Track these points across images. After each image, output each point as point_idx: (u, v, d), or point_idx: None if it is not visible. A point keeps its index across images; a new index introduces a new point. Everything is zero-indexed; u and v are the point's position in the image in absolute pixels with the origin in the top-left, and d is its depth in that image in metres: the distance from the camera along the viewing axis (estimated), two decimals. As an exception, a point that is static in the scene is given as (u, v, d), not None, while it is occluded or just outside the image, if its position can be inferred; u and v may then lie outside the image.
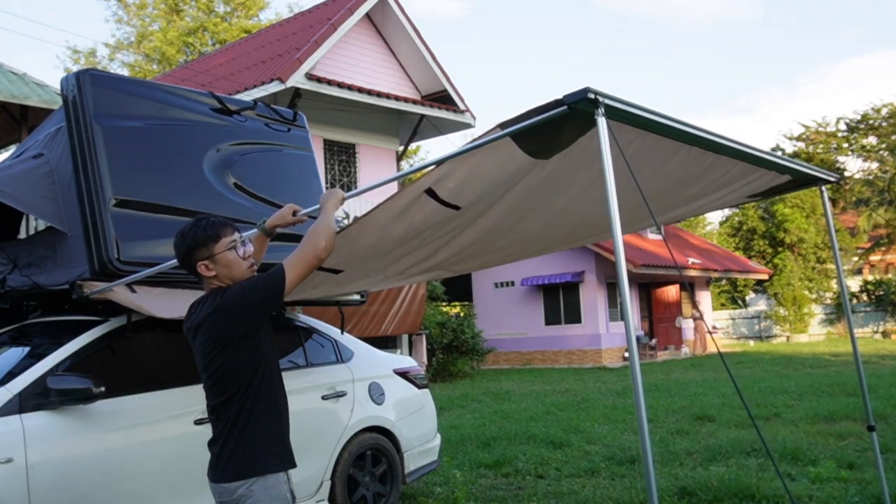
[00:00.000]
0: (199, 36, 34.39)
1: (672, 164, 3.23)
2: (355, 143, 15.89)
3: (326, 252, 2.53)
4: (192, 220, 2.67)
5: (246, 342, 2.48)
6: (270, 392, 2.55)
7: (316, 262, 2.50)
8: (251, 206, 4.76)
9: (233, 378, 2.47)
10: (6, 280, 4.56)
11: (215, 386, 2.52)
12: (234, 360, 2.47)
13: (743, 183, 3.82)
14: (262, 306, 2.48)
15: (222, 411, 2.50)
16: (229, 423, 2.48)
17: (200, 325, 2.52)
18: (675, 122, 2.79)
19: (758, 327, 30.46)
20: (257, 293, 2.46)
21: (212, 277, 2.58)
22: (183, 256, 2.62)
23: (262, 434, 2.49)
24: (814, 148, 34.66)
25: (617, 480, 5.87)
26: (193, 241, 2.59)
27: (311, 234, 2.54)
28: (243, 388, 2.48)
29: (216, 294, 2.53)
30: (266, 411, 2.52)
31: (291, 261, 2.48)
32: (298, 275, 2.46)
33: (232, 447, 2.48)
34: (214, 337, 2.47)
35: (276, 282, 2.44)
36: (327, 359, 5.05)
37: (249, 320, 2.47)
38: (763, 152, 3.45)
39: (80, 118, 4.15)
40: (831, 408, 8.74)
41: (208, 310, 2.50)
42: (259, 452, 2.48)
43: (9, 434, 3.38)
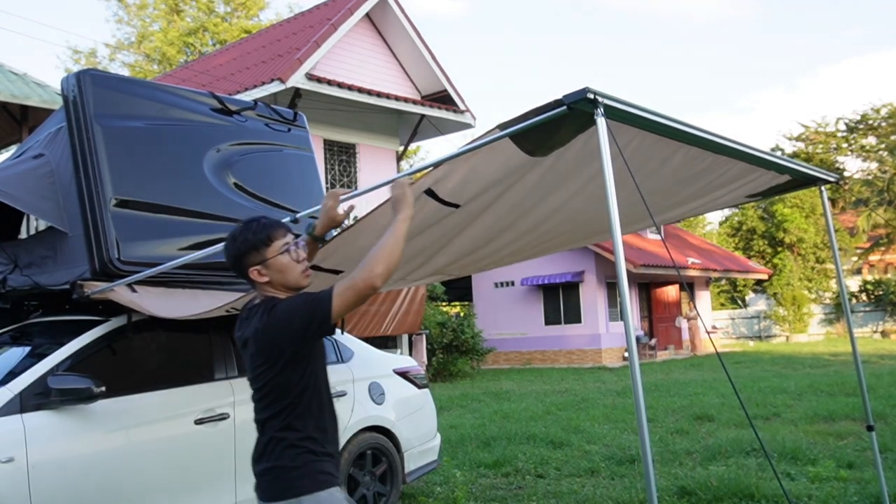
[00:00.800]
0: (200, 36, 34.40)
1: (671, 163, 3.23)
2: (355, 143, 15.89)
3: (383, 278, 2.24)
4: (243, 222, 2.49)
5: (293, 363, 2.34)
6: (318, 413, 2.39)
7: (368, 291, 2.24)
8: (251, 206, 4.77)
9: (279, 396, 2.34)
10: (7, 280, 4.57)
11: (262, 400, 2.40)
12: (281, 379, 2.33)
13: (742, 182, 3.82)
14: (306, 331, 2.29)
15: (267, 427, 2.38)
16: (273, 442, 2.36)
17: (248, 339, 2.40)
18: (674, 122, 2.80)
19: (757, 327, 30.46)
20: (303, 318, 2.27)
21: (265, 284, 2.43)
22: (234, 261, 2.46)
23: (308, 454, 2.35)
24: (813, 148, 34.68)
25: (617, 480, 5.88)
26: (244, 245, 2.43)
27: (371, 255, 2.27)
28: (291, 407, 2.34)
29: (267, 307, 2.36)
30: (316, 428, 2.38)
31: (341, 287, 2.25)
32: (346, 304, 2.24)
33: (277, 466, 2.35)
34: (262, 353, 2.35)
35: (321, 307, 2.24)
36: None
37: (296, 343, 2.31)
38: (762, 152, 3.45)
39: (80, 118, 4.16)
40: (830, 407, 8.74)
41: (257, 324, 2.35)
42: (308, 470, 2.34)
43: (10, 433, 3.39)
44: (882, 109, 32.38)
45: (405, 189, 2.46)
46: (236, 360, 4.46)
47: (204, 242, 4.37)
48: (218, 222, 4.55)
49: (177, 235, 4.36)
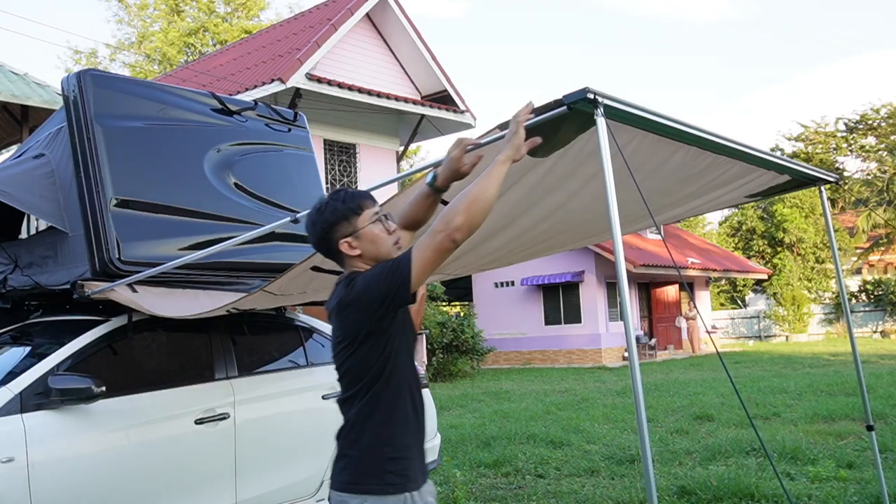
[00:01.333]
0: (200, 36, 34.41)
1: (670, 163, 3.24)
2: (355, 143, 15.89)
3: (466, 231, 1.99)
4: (327, 195, 2.29)
5: (372, 340, 2.13)
6: (399, 396, 2.18)
7: (449, 246, 1.99)
8: (252, 207, 4.77)
9: (356, 377, 2.16)
10: (8, 280, 4.57)
11: (342, 380, 2.23)
12: (358, 358, 2.15)
13: (742, 182, 3.82)
14: (387, 301, 2.06)
15: (346, 409, 2.20)
16: (350, 425, 2.17)
17: (331, 314, 2.23)
18: (675, 122, 2.79)
19: (757, 327, 30.47)
20: (380, 285, 2.06)
21: (356, 257, 2.22)
22: (321, 235, 2.25)
23: (382, 446, 2.13)
24: (813, 148, 34.72)
25: (617, 480, 5.88)
26: (333, 215, 2.22)
27: (454, 200, 2.04)
28: (365, 392, 2.15)
29: (348, 280, 2.18)
30: (391, 419, 2.15)
31: (420, 244, 2.03)
32: (427, 265, 2.01)
33: (349, 456, 2.16)
34: (340, 330, 2.18)
35: (400, 271, 2.03)
36: (328, 359, 5.06)
37: (374, 317, 2.10)
38: (762, 152, 3.45)
39: (81, 118, 4.16)
40: (830, 407, 8.75)
41: (338, 298, 2.18)
42: (376, 467, 2.12)
43: (10, 433, 3.39)
44: (882, 109, 32.43)
45: (518, 127, 2.20)
46: (236, 360, 4.46)
47: (204, 242, 4.37)
48: (218, 222, 4.55)
49: (177, 235, 4.36)
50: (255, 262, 4.69)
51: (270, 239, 4.79)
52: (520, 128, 2.20)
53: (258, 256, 4.71)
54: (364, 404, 2.14)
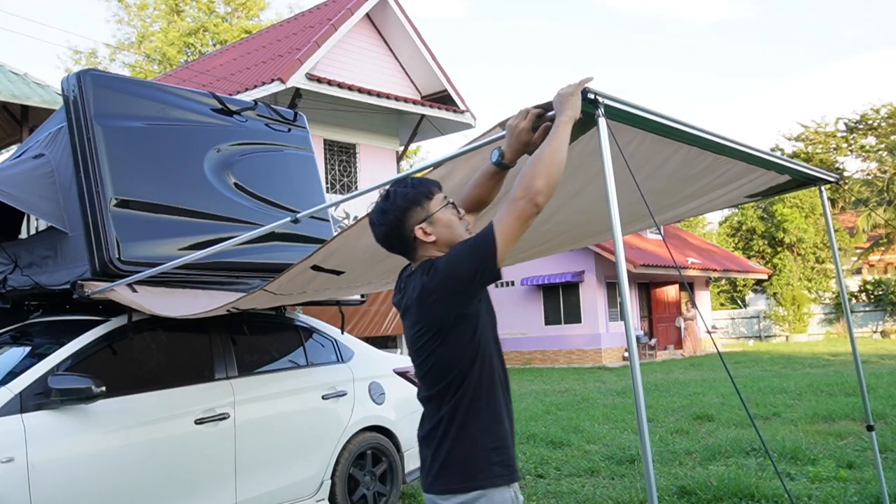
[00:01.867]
0: (200, 36, 34.40)
1: (671, 163, 3.23)
2: (355, 143, 15.89)
3: (546, 193, 1.95)
4: (389, 185, 2.20)
5: (461, 326, 2.04)
6: (492, 385, 2.10)
7: (532, 211, 1.94)
8: (252, 206, 4.78)
9: (447, 369, 2.06)
10: (7, 280, 4.57)
11: (427, 377, 2.11)
12: (447, 348, 2.05)
13: (742, 182, 3.82)
14: (475, 279, 1.99)
15: (434, 407, 2.09)
16: (442, 424, 2.06)
17: (409, 307, 2.12)
18: (676, 122, 2.79)
19: (757, 327, 30.47)
20: (467, 263, 1.98)
21: (430, 244, 2.13)
22: (395, 223, 2.13)
23: (483, 438, 2.05)
24: (813, 148, 34.72)
25: (616, 480, 5.88)
26: (405, 201, 2.13)
27: (528, 166, 1.99)
28: (459, 381, 2.05)
29: (425, 268, 2.08)
30: (488, 409, 2.07)
31: (501, 218, 1.97)
32: (511, 235, 1.95)
33: (446, 452, 2.05)
34: (424, 321, 2.07)
35: (485, 245, 1.95)
36: (327, 359, 5.06)
37: (462, 299, 2.03)
38: (762, 152, 3.45)
39: (80, 118, 4.16)
40: (830, 407, 8.74)
41: (418, 286, 2.08)
42: (480, 461, 2.03)
43: (10, 433, 3.40)
44: (882, 109, 32.42)
45: (576, 89, 2.17)
46: (236, 360, 4.46)
47: (204, 242, 4.38)
48: (218, 222, 4.56)
49: (177, 235, 4.37)
50: (255, 262, 4.70)
51: (270, 239, 4.79)
52: (577, 90, 2.18)
53: (258, 256, 4.71)
54: (459, 396, 2.05)
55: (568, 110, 2.12)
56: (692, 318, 22.51)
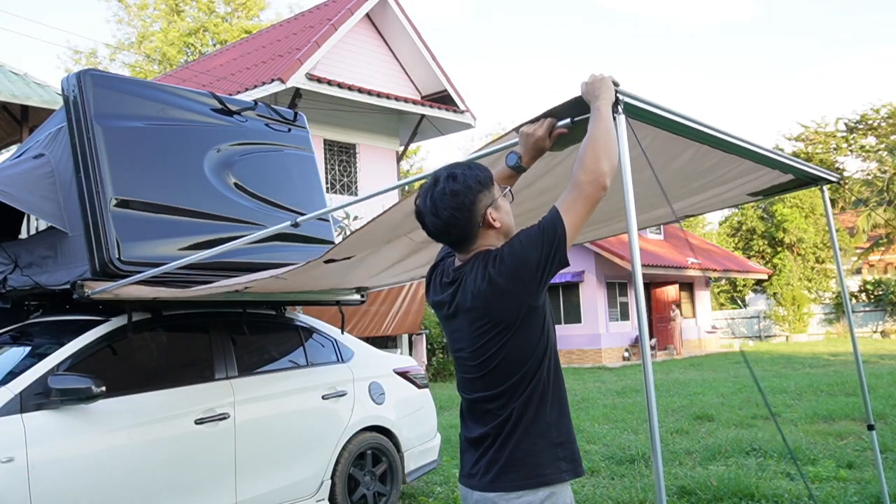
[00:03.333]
0: (200, 36, 34.41)
1: (679, 160, 3.25)
2: (355, 143, 15.89)
3: (611, 174, 1.93)
4: (447, 169, 2.06)
5: (532, 318, 1.96)
6: (558, 377, 2.04)
7: (600, 193, 1.91)
8: (251, 206, 4.78)
9: (518, 364, 1.96)
10: (8, 280, 4.57)
11: (492, 374, 1.99)
12: (520, 342, 1.96)
13: (746, 180, 3.84)
14: (547, 267, 1.91)
15: (497, 406, 1.99)
16: (509, 422, 1.97)
17: (470, 303, 1.99)
18: (692, 121, 2.81)
19: (757, 327, 30.47)
20: (535, 250, 1.89)
21: (494, 231, 2.04)
22: (467, 206, 2.00)
23: (551, 432, 1.98)
24: (813, 148, 34.71)
25: (617, 480, 5.88)
26: (477, 183, 2.02)
27: (585, 151, 1.96)
28: (530, 377, 1.97)
29: (486, 259, 1.98)
30: (556, 402, 2.01)
31: (567, 202, 1.92)
32: (580, 218, 1.91)
33: (511, 451, 1.96)
34: (490, 316, 1.96)
35: (555, 230, 1.89)
36: (328, 359, 5.06)
37: (535, 289, 1.93)
38: (769, 151, 3.47)
39: (80, 118, 4.16)
40: (830, 407, 8.75)
41: (480, 281, 1.96)
42: (549, 456, 1.97)
43: (10, 433, 3.39)
44: (882, 109, 32.41)
45: (599, 76, 2.19)
46: (236, 360, 4.46)
47: (204, 242, 4.38)
48: (218, 222, 4.56)
49: (177, 235, 4.37)
50: (255, 262, 4.69)
51: (270, 239, 4.79)
52: (606, 77, 2.20)
53: (258, 257, 4.71)
54: (531, 391, 1.97)
55: (604, 94, 2.13)
56: (675, 319, 22.38)
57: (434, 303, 2.16)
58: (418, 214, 2.07)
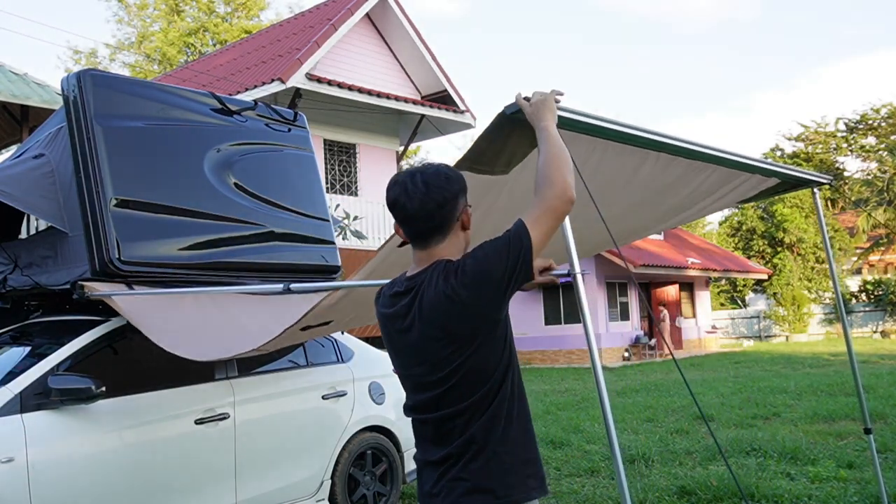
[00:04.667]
0: (200, 36, 34.41)
1: (641, 173, 3.11)
2: (355, 143, 15.89)
3: (573, 186, 1.91)
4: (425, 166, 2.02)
5: (495, 331, 1.89)
6: (521, 394, 1.98)
7: (567, 207, 1.89)
8: (251, 206, 4.78)
9: (479, 381, 1.89)
10: (7, 280, 4.58)
11: (450, 392, 1.90)
12: (479, 358, 1.88)
13: (729, 188, 3.70)
14: (510, 281, 1.84)
15: (459, 424, 1.90)
16: (475, 441, 1.88)
17: (425, 316, 1.90)
18: (628, 127, 2.69)
19: (757, 327, 30.48)
20: (500, 262, 1.82)
21: (459, 237, 1.99)
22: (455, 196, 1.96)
23: (518, 450, 1.93)
24: (813, 148, 34.72)
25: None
26: (459, 183, 1.98)
27: (546, 169, 1.91)
28: (494, 391, 1.90)
29: (446, 272, 1.88)
30: (520, 418, 1.95)
31: (532, 214, 1.87)
32: (546, 233, 1.86)
33: (477, 471, 1.88)
34: (450, 329, 1.87)
35: (521, 243, 1.83)
36: (327, 359, 5.06)
37: (497, 302, 1.86)
38: (739, 156, 3.29)
39: (80, 118, 4.16)
40: (830, 407, 8.74)
41: (439, 295, 1.87)
42: (517, 475, 1.91)
43: (10, 433, 3.40)
44: (882, 109, 32.42)
45: (546, 95, 2.15)
46: (236, 360, 4.46)
47: (204, 242, 4.38)
48: (218, 222, 4.56)
49: (177, 235, 4.37)
50: (255, 262, 4.70)
51: (271, 239, 4.79)
52: (548, 96, 2.15)
53: (258, 256, 4.71)
54: (496, 408, 1.90)
55: (547, 115, 2.09)
56: (664, 320, 22.31)
57: (385, 316, 2.02)
58: (397, 197, 1.95)
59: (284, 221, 4.94)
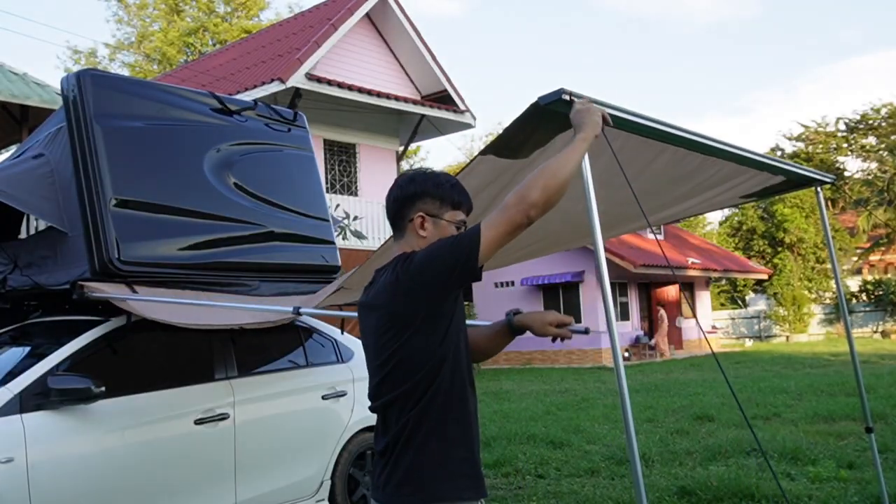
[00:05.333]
0: (200, 36, 34.40)
1: (657, 164, 3.20)
2: (355, 143, 15.89)
3: (542, 208, 1.86)
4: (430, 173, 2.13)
5: (430, 323, 1.91)
6: (461, 392, 1.97)
7: (523, 221, 1.86)
8: (251, 206, 4.77)
9: (411, 370, 1.91)
10: (7, 280, 4.57)
11: (386, 379, 1.95)
12: (413, 347, 1.91)
13: (735, 183, 3.78)
14: (452, 274, 1.87)
15: (394, 414, 1.93)
16: (405, 431, 1.90)
17: (376, 301, 2.00)
18: (656, 122, 2.76)
19: (757, 327, 30.47)
20: (445, 257, 1.87)
21: (418, 238, 2.05)
22: (405, 199, 2.07)
23: (450, 448, 1.92)
24: (813, 148, 34.69)
25: (617, 480, 5.87)
26: (434, 189, 2.07)
27: (532, 174, 1.90)
28: (424, 385, 1.91)
29: (400, 259, 1.98)
30: (454, 418, 1.94)
31: (491, 217, 1.88)
32: (497, 234, 1.85)
33: (408, 464, 1.89)
34: (391, 313, 1.94)
35: (468, 242, 1.86)
36: (327, 359, 5.06)
37: (436, 294, 1.90)
38: (751, 153, 3.40)
39: (80, 118, 4.16)
40: (831, 407, 8.74)
41: (388, 279, 1.96)
42: (445, 473, 1.90)
43: (9, 434, 3.39)
44: (882, 109, 32.39)
45: (589, 106, 2.14)
46: (236, 360, 4.46)
47: (203, 242, 4.37)
48: (218, 222, 4.55)
49: (177, 235, 4.36)
50: (254, 262, 4.69)
51: (271, 239, 4.79)
52: (589, 105, 2.15)
53: (258, 256, 4.71)
54: (428, 401, 1.90)
55: (588, 128, 2.07)
56: (663, 320, 22.28)
57: (359, 304, 2.13)
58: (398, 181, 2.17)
59: (284, 221, 4.93)
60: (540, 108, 2.40)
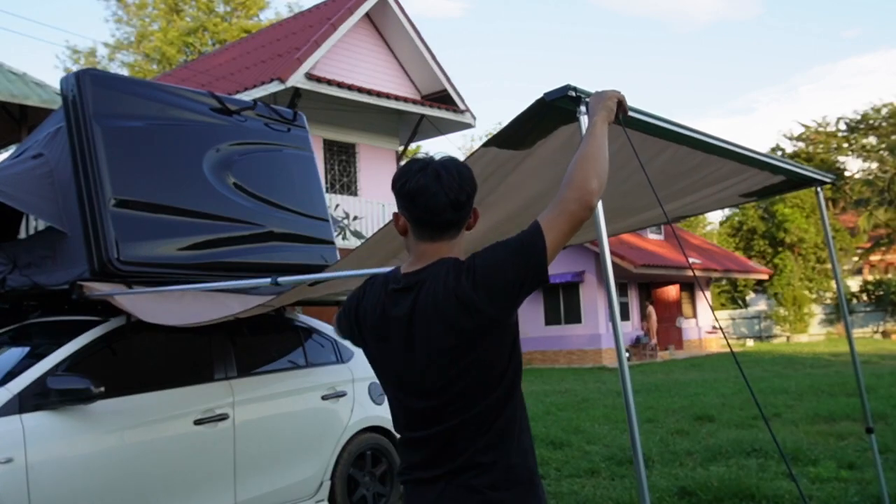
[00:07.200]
0: (199, 36, 34.39)
1: (658, 161, 3.21)
2: (355, 143, 15.88)
3: (599, 194, 1.77)
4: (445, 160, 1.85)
5: (500, 335, 1.76)
6: (523, 401, 1.86)
7: (586, 214, 1.75)
8: (251, 206, 4.77)
9: (492, 383, 1.76)
10: (6, 280, 4.56)
11: (461, 396, 1.75)
12: (488, 362, 1.76)
13: (735, 181, 3.79)
14: (523, 286, 1.72)
15: (472, 431, 1.75)
16: (493, 447, 1.75)
17: (433, 314, 1.75)
18: (661, 120, 2.78)
19: (758, 327, 30.46)
20: (512, 267, 1.71)
21: (459, 239, 1.85)
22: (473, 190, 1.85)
23: (529, 461, 1.81)
24: (814, 148, 34.68)
25: (617, 480, 5.86)
26: (473, 185, 1.85)
27: (575, 167, 1.79)
28: (507, 395, 1.77)
29: (456, 270, 1.75)
30: (527, 429, 1.84)
31: (549, 219, 1.74)
32: (562, 237, 1.74)
33: (501, 479, 1.74)
34: (458, 330, 1.73)
35: (534, 248, 1.71)
36: (327, 359, 5.05)
37: (509, 306, 1.74)
38: (754, 152, 3.42)
39: (79, 118, 4.16)
40: (831, 408, 8.74)
41: (448, 295, 1.73)
42: (532, 482, 1.80)
43: (9, 434, 3.39)
44: (882, 109, 32.38)
45: (606, 92, 2.07)
46: (236, 361, 4.45)
47: (203, 242, 4.37)
48: (217, 222, 4.55)
49: (176, 235, 4.36)
50: (254, 262, 4.69)
51: (270, 239, 4.78)
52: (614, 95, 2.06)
53: (258, 256, 4.70)
54: (511, 412, 1.79)
55: (603, 111, 1.98)
56: (650, 316, 22.25)
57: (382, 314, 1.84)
58: (427, 185, 1.78)
59: (284, 221, 4.93)
60: (546, 104, 2.42)
